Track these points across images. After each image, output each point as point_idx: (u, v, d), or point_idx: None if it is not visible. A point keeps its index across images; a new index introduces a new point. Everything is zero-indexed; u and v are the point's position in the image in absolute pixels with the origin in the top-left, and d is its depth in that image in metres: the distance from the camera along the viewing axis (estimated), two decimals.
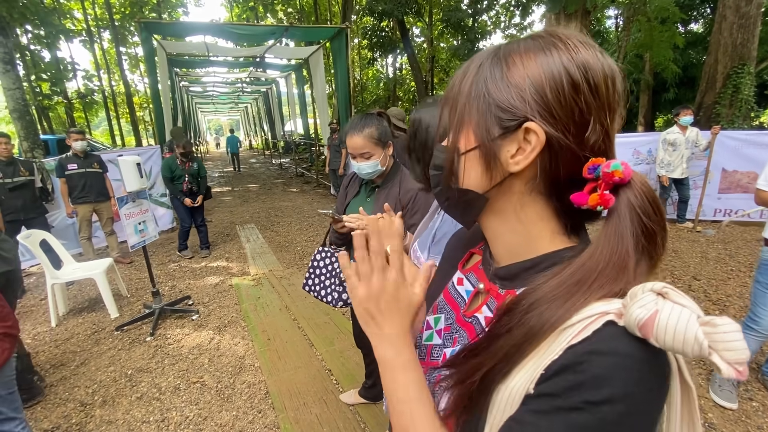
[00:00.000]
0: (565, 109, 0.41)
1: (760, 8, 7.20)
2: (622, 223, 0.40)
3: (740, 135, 5.32)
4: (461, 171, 0.47)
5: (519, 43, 0.45)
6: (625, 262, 0.39)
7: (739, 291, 3.50)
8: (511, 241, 0.49)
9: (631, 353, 0.35)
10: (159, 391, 2.47)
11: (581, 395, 0.35)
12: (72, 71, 17.16)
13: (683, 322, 0.31)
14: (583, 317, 0.37)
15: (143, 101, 25.91)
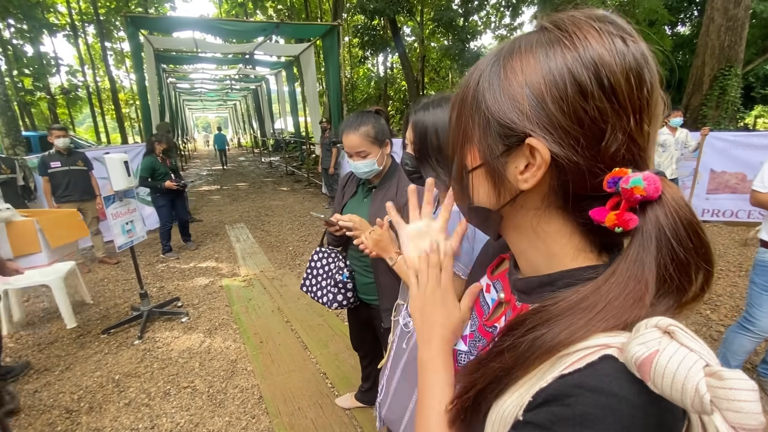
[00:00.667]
0: (572, 120, 0.36)
1: (747, 11, 7.34)
2: (646, 248, 0.35)
3: (729, 136, 5.41)
4: (471, 189, 0.45)
5: (521, 41, 0.40)
6: (642, 295, 0.34)
7: (729, 291, 3.55)
8: (533, 255, 0.45)
9: (626, 396, 0.31)
10: (148, 396, 2.39)
11: (566, 427, 0.32)
12: (55, 66, 16.74)
13: (685, 368, 0.27)
14: (582, 347, 0.34)
15: (129, 97, 25.41)
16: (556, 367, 0.35)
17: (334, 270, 1.70)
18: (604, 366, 0.32)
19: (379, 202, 1.54)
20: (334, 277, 1.68)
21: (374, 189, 1.61)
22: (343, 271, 1.68)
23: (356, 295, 1.72)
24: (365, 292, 1.70)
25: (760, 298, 2.06)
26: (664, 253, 0.34)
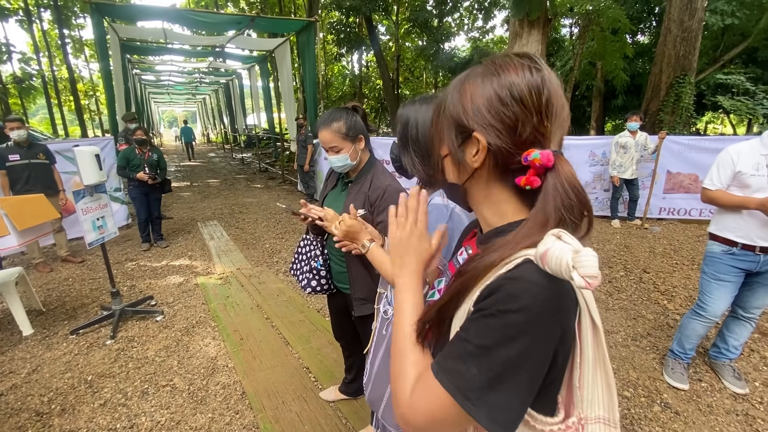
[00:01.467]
0: (497, 120, 0.56)
1: (701, 23, 7.87)
2: (546, 198, 0.53)
3: (683, 140, 5.81)
4: (446, 170, 0.65)
5: (471, 72, 0.60)
6: (546, 223, 0.52)
7: (683, 283, 3.84)
8: (490, 217, 0.64)
9: (536, 281, 0.48)
10: (125, 396, 2.33)
11: (496, 306, 0.49)
12: (7, 53, 15.63)
13: (562, 252, 0.45)
14: (513, 258, 0.51)
15: (88, 88, 24.03)
16: (495, 273, 0.52)
17: (311, 257, 1.78)
18: (525, 265, 0.50)
19: (353, 195, 1.62)
20: (310, 264, 1.76)
21: (350, 183, 1.68)
22: (318, 258, 1.76)
23: (331, 283, 1.79)
24: (340, 281, 1.76)
25: (709, 286, 2.26)
26: (557, 201, 0.52)
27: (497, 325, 0.49)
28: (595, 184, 6.26)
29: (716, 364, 2.47)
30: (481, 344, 0.49)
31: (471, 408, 0.49)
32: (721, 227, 2.21)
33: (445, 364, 0.53)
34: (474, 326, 0.51)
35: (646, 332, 2.97)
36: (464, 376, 0.50)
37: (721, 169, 2.18)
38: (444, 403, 0.51)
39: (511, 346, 0.48)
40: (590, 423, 0.56)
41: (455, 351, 0.52)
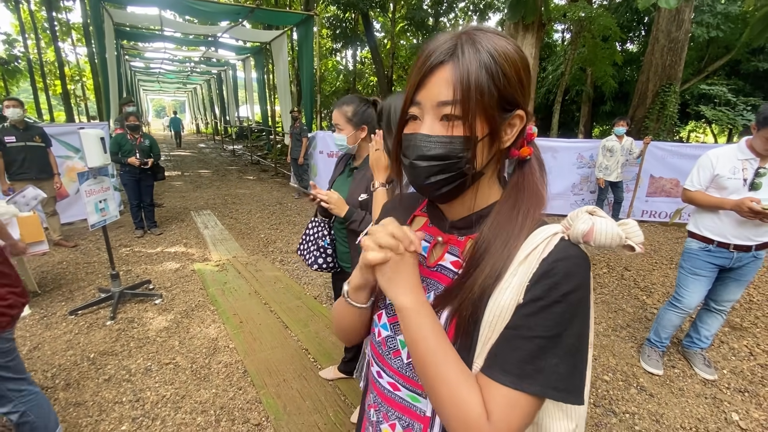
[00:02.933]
0: (528, 92, 0.56)
1: (687, 34, 8.17)
2: (532, 166, 0.59)
3: (666, 146, 6.06)
4: (479, 155, 0.54)
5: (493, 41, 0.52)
6: (540, 192, 0.57)
7: (661, 280, 4.05)
8: (476, 200, 0.60)
9: (579, 255, 0.52)
10: (128, 373, 2.40)
11: (558, 290, 0.50)
12: None
13: (612, 227, 0.50)
14: (543, 239, 0.52)
15: (75, 73, 23.45)
16: (533, 257, 0.52)
17: (319, 236, 1.93)
18: (561, 243, 0.52)
19: (357, 181, 1.76)
20: (317, 242, 1.92)
21: (355, 170, 1.82)
22: (325, 237, 1.91)
23: (336, 262, 1.93)
24: (344, 261, 1.89)
25: (686, 279, 2.44)
26: (539, 165, 0.59)
27: (562, 310, 0.49)
28: (581, 186, 6.48)
29: (688, 353, 2.66)
30: (554, 334, 0.49)
31: (567, 397, 0.50)
32: (699, 226, 2.38)
33: (523, 371, 0.49)
34: (537, 320, 0.50)
35: (626, 324, 3.15)
36: (547, 371, 0.49)
37: (701, 171, 2.35)
38: (533, 407, 0.50)
39: (576, 323, 0.50)
40: None
41: (526, 351, 0.50)
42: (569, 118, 15.99)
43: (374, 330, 0.70)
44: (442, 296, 0.58)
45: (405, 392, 0.64)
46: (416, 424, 0.63)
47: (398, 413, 0.65)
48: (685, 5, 7.77)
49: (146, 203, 5.20)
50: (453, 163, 0.54)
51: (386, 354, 0.66)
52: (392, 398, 0.66)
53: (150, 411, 2.10)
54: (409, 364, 0.62)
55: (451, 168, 0.54)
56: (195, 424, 2.02)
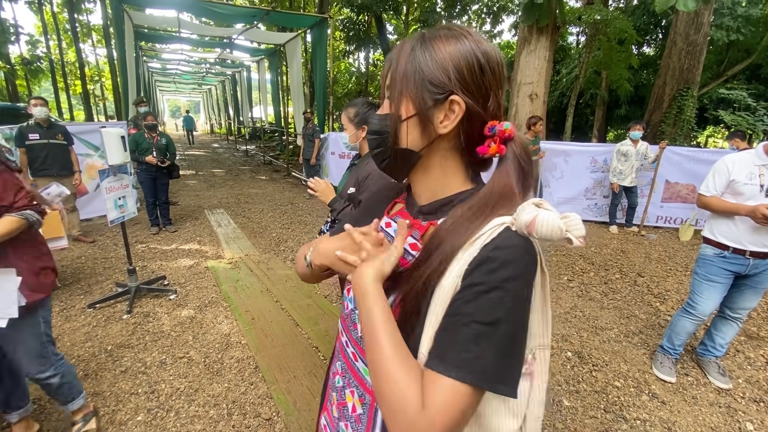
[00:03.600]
0: (476, 86, 0.56)
1: (706, 37, 8.03)
2: (509, 165, 0.57)
3: (683, 151, 5.96)
4: (403, 134, 0.60)
5: (439, 31, 0.58)
6: (512, 192, 0.56)
7: (676, 287, 3.99)
8: (434, 186, 0.64)
9: (521, 244, 0.52)
10: (144, 365, 2.46)
11: (496, 276, 0.50)
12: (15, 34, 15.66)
13: (553, 219, 0.49)
14: (490, 228, 0.53)
15: (94, 73, 24.05)
16: (478, 243, 0.53)
17: (323, 224, 2.10)
18: (505, 232, 0.52)
19: (353, 176, 1.92)
20: (321, 229, 2.09)
21: (354, 165, 2.05)
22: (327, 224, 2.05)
23: None
24: None
25: (700, 286, 2.40)
26: (517, 167, 0.57)
27: (498, 296, 0.49)
28: (595, 190, 6.41)
29: (703, 361, 2.62)
30: (491, 320, 0.49)
31: (501, 387, 0.49)
32: (715, 232, 2.35)
33: (457, 358, 0.49)
34: (474, 306, 0.50)
35: (638, 330, 3.12)
36: (482, 360, 0.48)
37: (717, 176, 2.32)
38: (470, 399, 0.48)
39: (513, 311, 0.50)
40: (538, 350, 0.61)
41: (461, 339, 0.49)
42: (583, 121, 15.82)
43: (344, 303, 0.75)
44: (394, 279, 0.60)
45: (361, 364, 0.68)
46: (367, 396, 0.66)
47: (356, 382, 0.69)
48: (705, 8, 7.64)
49: (162, 201, 5.31)
50: (383, 138, 0.62)
51: (350, 326, 0.70)
52: (353, 368, 0.70)
53: (164, 403, 2.15)
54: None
55: (383, 142, 0.62)
56: (208, 417, 2.06)
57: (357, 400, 0.69)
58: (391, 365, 0.51)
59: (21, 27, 16.15)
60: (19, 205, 1.54)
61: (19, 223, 1.53)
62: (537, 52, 7.42)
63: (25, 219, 1.56)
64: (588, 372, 2.57)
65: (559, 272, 4.31)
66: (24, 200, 1.56)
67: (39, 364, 1.69)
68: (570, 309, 3.44)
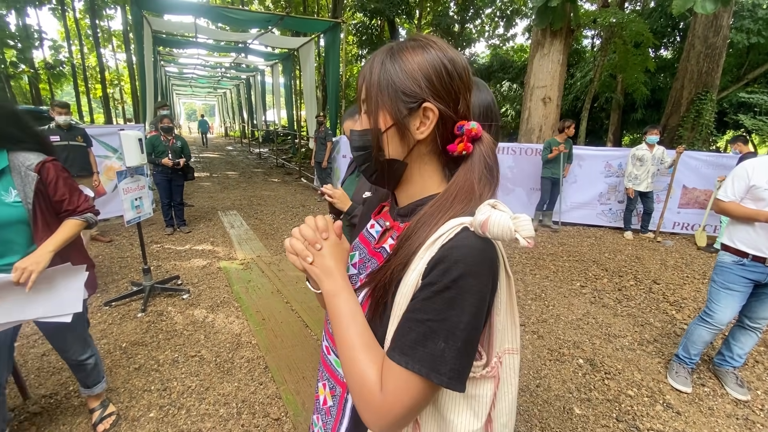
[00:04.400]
0: (446, 91, 0.59)
1: (725, 40, 7.86)
2: (474, 163, 0.60)
3: (701, 156, 5.83)
4: (385, 145, 0.62)
5: (406, 43, 0.61)
6: (472, 189, 0.59)
7: (693, 295, 3.89)
8: (413, 190, 0.66)
9: (475, 245, 0.53)
10: (157, 363, 2.51)
11: (449, 276, 0.52)
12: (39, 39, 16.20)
13: (504, 219, 0.51)
14: (449, 227, 0.55)
15: (114, 78, 24.72)
16: (438, 243, 0.55)
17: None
18: (462, 233, 0.54)
19: (363, 181, 1.87)
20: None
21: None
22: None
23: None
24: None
25: (718, 294, 2.34)
26: (482, 165, 0.60)
27: (451, 295, 0.52)
28: (609, 195, 6.31)
29: (720, 371, 2.55)
30: (442, 318, 0.52)
31: (449, 382, 0.52)
32: (733, 238, 2.30)
33: (413, 352, 0.52)
34: (429, 304, 0.53)
35: (653, 338, 3.05)
36: (434, 355, 0.52)
37: (736, 181, 2.27)
38: (421, 389, 0.53)
39: (465, 310, 0.52)
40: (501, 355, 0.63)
41: (417, 334, 0.53)
42: (598, 125, 15.59)
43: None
44: (368, 275, 0.65)
45: (333, 356, 0.71)
46: (338, 388, 0.70)
47: (327, 375, 0.73)
48: (724, 11, 7.49)
49: (176, 202, 5.42)
50: (369, 152, 0.64)
51: (328, 320, 0.73)
52: (326, 361, 0.74)
53: (176, 400, 2.19)
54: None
55: (369, 157, 0.64)
56: (217, 415, 2.09)
57: (328, 392, 0.72)
58: (355, 352, 0.57)
59: (45, 33, 16.71)
60: (81, 209, 1.63)
61: (81, 226, 1.64)
62: (550, 55, 7.37)
63: (86, 221, 1.66)
64: (600, 380, 2.53)
65: (572, 278, 4.25)
66: (86, 203, 1.66)
67: (82, 347, 1.86)
68: (582, 315, 3.38)
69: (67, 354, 1.82)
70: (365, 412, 0.55)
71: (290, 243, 0.65)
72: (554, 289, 3.96)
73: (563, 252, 5.10)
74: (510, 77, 16.59)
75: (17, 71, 14.65)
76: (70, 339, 1.80)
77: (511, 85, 16.57)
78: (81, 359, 1.86)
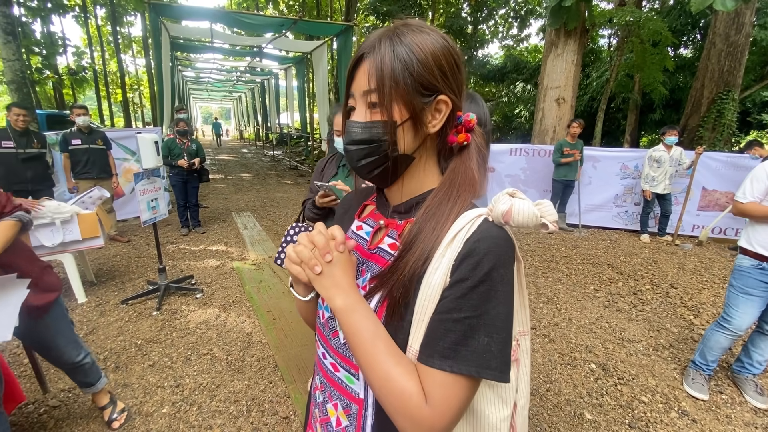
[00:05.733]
0: (456, 82, 0.59)
1: (748, 38, 7.63)
2: (471, 153, 0.61)
3: (722, 157, 5.67)
4: (401, 139, 0.58)
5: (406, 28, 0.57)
6: (474, 177, 0.59)
7: (712, 300, 3.78)
8: (412, 185, 0.64)
9: (500, 235, 0.54)
10: (170, 360, 2.57)
11: (481, 270, 0.52)
12: (62, 46, 16.77)
13: (528, 207, 0.52)
14: (468, 220, 0.55)
15: (134, 82, 25.42)
16: (460, 237, 0.54)
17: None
18: (484, 224, 0.55)
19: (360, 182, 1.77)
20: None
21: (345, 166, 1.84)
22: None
23: None
24: None
25: (736, 299, 2.28)
26: (477, 153, 0.61)
27: (486, 289, 0.51)
28: (625, 197, 6.18)
29: (739, 379, 2.47)
30: (480, 313, 0.51)
31: (500, 376, 0.51)
32: (752, 241, 2.23)
33: (456, 354, 0.51)
34: (464, 302, 0.51)
35: (669, 344, 2.98)
36: (481, 352, 0.50)
37: (755, 182, 2.21)
38: (469, 389, 0.52)
39: (500, 300, 0.52)
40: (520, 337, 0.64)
41: (457, 335, 0.51)
42: (614, 126, 15.28)
43: (319, 312, 0.72)
44: (377, 277, 0.59)
45: (343, 373, 0.66)
46: (353, 406, 0.64)
47: (339, 394, 0.67)
48: (746, 8, 7.28)
49: (192, 203, 5.53)
50: (377, 146, 0.58)
51: (328, 335, 0.68)
52: (333, 379, 0.68)
53: (188, 397, 2.24)
54: (347, 344, 0.62)
55: (376, 151, 0.58)
56: (228, 413, 2.13)
57: (341, 412, 0.66)
58: (387, 367, 0.53)
59: (68, 39, 17.31)
60: (9, 209, 1.58)
61: (16, 226, 1.57)
62: (564, 55, 7.28)
63: (19, 220, 1.58)
64: (613, 385, 2.48)
65: (585, 281, 4.18)
66: (11, 204, 1.60)
67: (75, 348, 1.85)
68: (595, 319, 3.32)
69: (62, 359, 1.81)
70: (414, 428, 0.51)
71: (295, 250, 0.59)
72: (567, 292, 3.90)
73: (577, 254, 5.02)
74: (524, 78, 16.42)
75: (42, 77, 15.18)
76: (62, 343, 1.79)
77: (525, 85, 16.40)
78: (77, 361, 1.85)
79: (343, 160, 1.90)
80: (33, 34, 14.44)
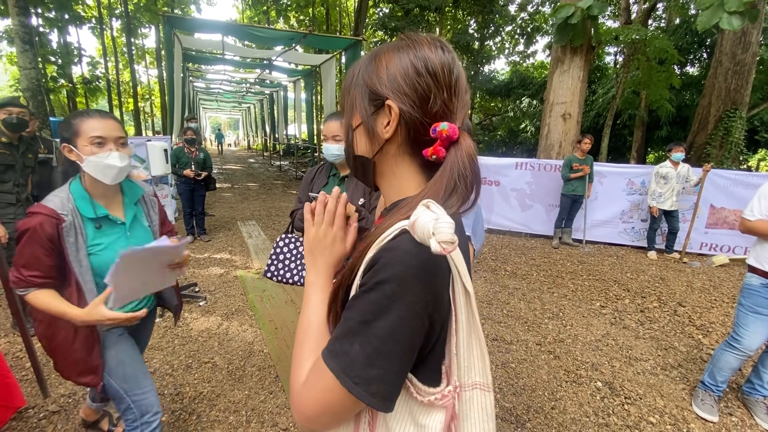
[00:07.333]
0: (411, 89, 0.57)
1: (755, 57, 7.66)
2: (443, 170, 0.56)
3: (730, 174, 5.63)
4: (355, 142, 0.65)
5: (385, 46, 0.61)
6: (438, 193, 0.54)
7: (721, 320, 3.71)
8: (391, 190, 0.65)
9: (409, 250, 0.50)
10: (171, 368, 2.55)
11: (375, 277, 0.50)
12: (78, 56, 17.21)
13: (426, 221, 0.47)
14: (393, 230, 0.52)
15: (145, 92, 25.94)
16: (375, 246, 0.53)
17: (301, 251, 1.90)
18: (401, 236, 0.51)
19: (352, 188, 1.76)
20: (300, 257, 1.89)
21: (346, 178, 1.83)
22: None
23: None
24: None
25: (746, 318, 2.23)
26: (454, 172, 0.55)
27: (374, 298, 0.49)
28: (632, 213, 6.14)
29: (749, 400, 2.41)
30: (363, 320, 0.50)
31: (352, 387, 0.49)
32: (761, 260, 2.20)
33: (332, 347, 0.52)
34: (356, 303, 0.52)
35: (677, 363, 2.92)
36: (349, 355, 0.50)
37: (763, 200, 2.19)
38: (332, 388, 0.50)
39: (386, 316, 0.49)
40: (467, 390, 0.58)
41: (341, 332, 0.52)
42: (621, 142, 15.29)
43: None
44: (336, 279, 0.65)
45: None
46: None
47: None
48: (752, 27, 7.32)
49: (198, 212, 5.57)
50: (346, 148, 0.68)
51: None
52: None
53: (188, 405, 2.22)
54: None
55: (347, 152, 0.68)
56: (227, 423, 2.10)
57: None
58: (304, 338, 0.60)
59: (84, 50, 17.77)
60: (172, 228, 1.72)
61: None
62: (570, 72, 7.33)
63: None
64: (619, 405, 2.42)
65: (591, 297, 4.13)
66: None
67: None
68: (602, 336, 3.27)
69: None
70: (290, 398, 0.56)
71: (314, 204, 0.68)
72: (572, 308, 3.84)
73: (583, 270, 4.97)
74: (530, 93, 16.54)
75: (57, 85, 15.55)
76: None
77: (531, 101, 16.51)
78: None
79: (333, 170, 1.90)
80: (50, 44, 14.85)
